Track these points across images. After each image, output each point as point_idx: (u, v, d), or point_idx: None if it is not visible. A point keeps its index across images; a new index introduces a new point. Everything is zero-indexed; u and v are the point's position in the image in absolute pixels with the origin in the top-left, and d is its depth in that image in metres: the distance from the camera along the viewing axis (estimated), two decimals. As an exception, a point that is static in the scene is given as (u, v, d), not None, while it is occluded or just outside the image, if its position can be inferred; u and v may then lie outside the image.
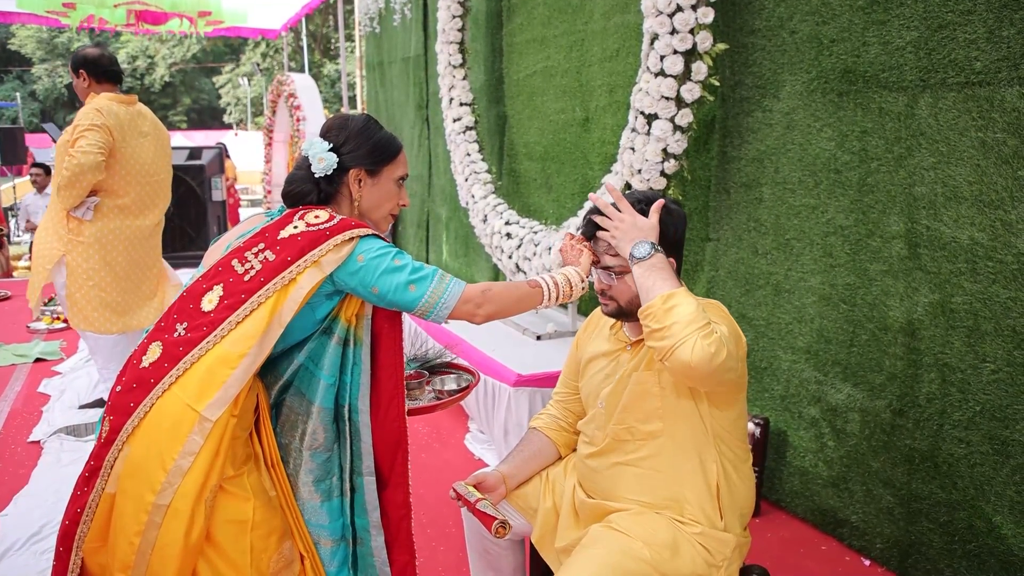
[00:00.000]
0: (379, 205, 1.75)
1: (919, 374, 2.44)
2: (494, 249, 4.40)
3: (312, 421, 1.65)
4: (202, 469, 1.45)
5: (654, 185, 3.07)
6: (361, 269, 1.57)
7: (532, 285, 1.72)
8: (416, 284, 1.58)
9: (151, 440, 1.47)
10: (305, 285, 1.54)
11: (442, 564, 2.66)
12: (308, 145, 1.70)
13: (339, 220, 1.61)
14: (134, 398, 1.51)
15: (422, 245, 7.06)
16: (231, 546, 1.50)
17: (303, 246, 1.56)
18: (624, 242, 1.69)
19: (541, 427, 2.06)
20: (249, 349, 1.50)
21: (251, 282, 1.55)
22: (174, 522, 1.43)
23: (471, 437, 3.75)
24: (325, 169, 1.66)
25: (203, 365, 1.50)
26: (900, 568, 2.56)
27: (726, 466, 1.77)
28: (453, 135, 4.94)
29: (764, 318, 3.03)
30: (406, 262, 1.59)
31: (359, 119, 1.74)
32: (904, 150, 2.44)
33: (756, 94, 2.99)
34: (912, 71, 2.39)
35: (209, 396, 1.47)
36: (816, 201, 2.76)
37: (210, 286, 1.59)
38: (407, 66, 6.98)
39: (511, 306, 1.70)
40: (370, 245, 1.59)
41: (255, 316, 1.52)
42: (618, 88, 3.83)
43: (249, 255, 1.60)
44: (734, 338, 1.66)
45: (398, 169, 1.75)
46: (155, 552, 1.43)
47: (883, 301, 2.54)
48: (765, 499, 3.04)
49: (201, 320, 1.55)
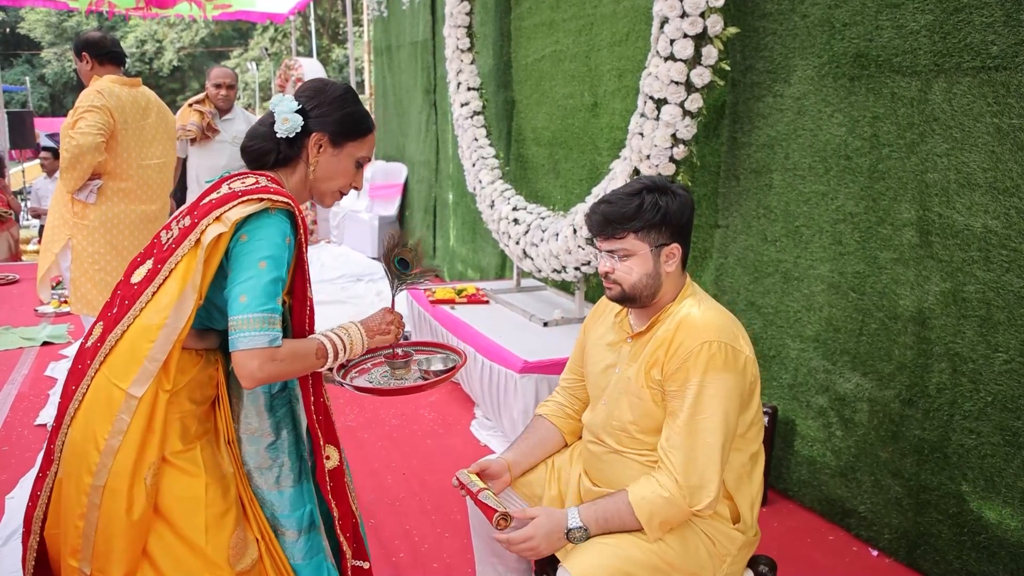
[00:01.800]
0: (331, 178, 1.66)
1: (929, 364, 2.41)
2: (501, 235, 4.38)
3: (245, 406, 1.60)
4: (132, 447, 1.41)
5: (663, 171, 3.04)
6: (239, 245, 1.47)
7: (319, 353, 1.56)
8: (248, 299, 1.42)
9: (87, 421, 1.44)
10: (206, 242, 1.43)
11: (447, 551, 2.65)
12: (276, 101, 1.60)
13: (262, 186, 1.51)
14: (75, 380, 1.49)
15: (429, 231, 7.03)
16: (185, 523, 1.47)
17: (212, 207, 1.47)
18: (553, 542, 1.67)
19: (547, 414, 2.05)
20: (165, 319, 1.42)
21: (167, 250, 1.48)
22: (112, 502, 1.40)
23: (477, 423, 3.74)
24: (288, 131, 1.58)
25: (126, 342, 1.45)
26: (908, 559, 2.54)
27: (734, 462, 1.75)
28: (461, 120, 4.90)
29: (773, 306, 3.00)
30: (269, 276, 1.44)
31: (338, 87, 1.66)
32: (917, 136, 2.40)
33: (767, 79, 2.94)
34: (926, 55, 2.35)
35: (133, 372, 1.42)
36: (826, 188, 2.72)
37: (143, 260, 1.54)
38: (415, 50, 6.93)
39: (295, 373, 1.55)
40: (265, 229, 1.47)
41: (168, 284, 1.45)
42: (627, 73, 3.79)
43: (174, 224, 1.53)
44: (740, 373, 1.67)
45: (362, 149, 1.67)
46: (98, 533, 1.41)
47: (893, 290, 2.51)
48: (772, 488, 3.02)
49: (128, 293, 1.50)
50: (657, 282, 1.74)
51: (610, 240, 1.75)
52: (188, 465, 1.49)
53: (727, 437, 1.65)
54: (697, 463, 1.63)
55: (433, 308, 4.29)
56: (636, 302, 1.76)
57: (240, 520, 1.55)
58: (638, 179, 1.78)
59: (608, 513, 1.67)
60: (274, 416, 1.62)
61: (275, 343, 1.43)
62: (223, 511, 1.51)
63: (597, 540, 1.67)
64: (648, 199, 1.72)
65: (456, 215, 6.35)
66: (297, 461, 1.67)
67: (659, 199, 1.72)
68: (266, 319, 1.42)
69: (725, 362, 1.65)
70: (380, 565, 2.57)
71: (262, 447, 1.62)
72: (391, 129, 8.11)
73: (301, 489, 1.66)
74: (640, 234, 1.72)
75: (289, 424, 1.66)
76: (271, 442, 1.62)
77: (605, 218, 1.74)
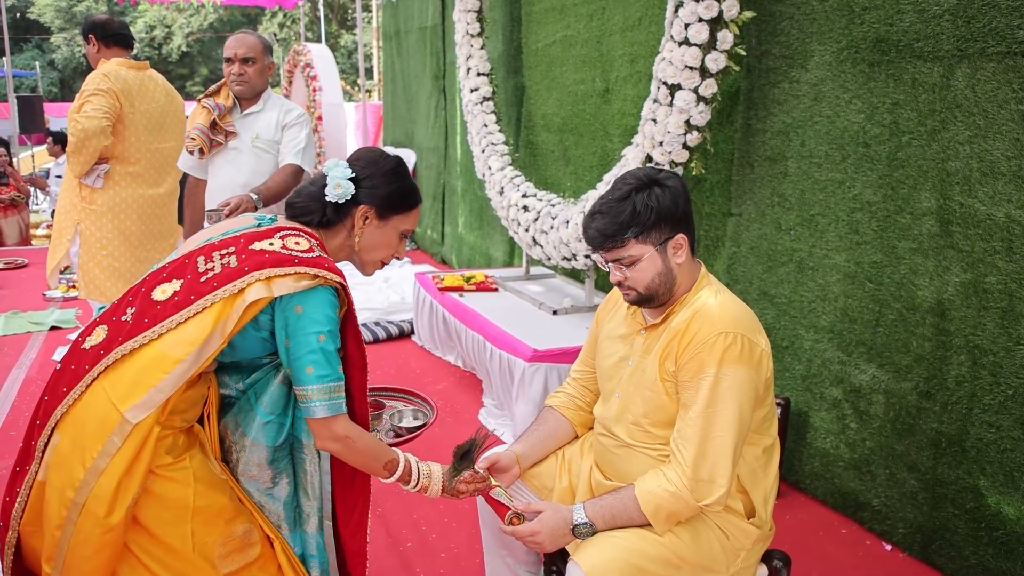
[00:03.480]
0: (375, 248, 1.71)
1: (948, 356, 2.37)
2: (510, 222, 4.33)
3: (245, 454, 1.60)
4: (116, 474, 1.38)
5: (676, 158, 2.99)
6: (293, 317, 1.49)
7: (388, 466, 1.62)
8: (315, 371, 1.48)
9: (77, 433, 1.41)
10: (249, 299, 1.45)
11: (455, 542, 2.63)
12: (331, 166, 1.65)
13: (316, 256, 1.53)
14: (67, 382, 1.45)
15: (437, 218, 6.99)
16: (169, 533, 1.45)
17: (264, 262, 1.48)
18: (558, 538, 1.66)
19: (557, 406, 2.01)
20: (186, 355, 1.42)
21: (205, 284, 1.48)
22: (87, 522, 1.38)
23: (485, 412, 3.71)
24: (339, 196, 1.62)
25: (136, 362, 1.43)
26: (923, 554, 2.50)
27: (748, 456, 1.71)
28: (470, 106, 4.85)
29: (786, 296, 2.95)
30: (331, 348, 1.51)
31: (392, 160, 1.71)
32: (938, 123, 2.34)
33: (783, 64, 2.88)
34: (949, 40, 2.29)
35: (135, 398, 1.40)
36: (843, 176, 2.67)
37: (170, 277, 1.52)
38: (424, 35, 6.87)
39: (358, 464, 1.62)
40: (319, 304, 1.50)
41: (199, 320, 1.44)
42: (640, 58, 3.73)
43: (216, 255, 1.53)
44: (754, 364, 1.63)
45: (407, 222, 1.73)
46: (70, 549, 1.39)
47: (911, 280, 2.46)
48: (784, 480, 2.99)
49: (148, 311, 1.48)
50: (671, 277, 1.70)
51: (612, 251, 1.70)
52: (177, 474, 1.47)
53: (740, 432, 1.61)
54: (707, 458, 1.59)
55: (441, 295, 4.26)
56: (655, 301, 1.72)
57: (236, 520, 1.53)
58: (624, 178, 1.72)
59: (615, 509, 1.64)
60: (275, 467, 1.62)
61: (340, 410, 1.52)
62: (212, 516, 1.49)
63: (607, 533, 1.64)
64: (639, 200, 1.66)
65: (464, 202, 6.31)
66: (293, 511, 1.65)
67: (649, 197, 1.66)
68: (332, 388, 1.51)
69: (741, 354, 1.61)
70: (387, 554, 2.55)
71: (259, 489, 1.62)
72: (400, 115, 8.06)
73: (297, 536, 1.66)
74: (640, 237, 1.67)
75: (289, 472, 1.65)
76: (267, 488, 1.62)
77: (601, 233, 1.69)
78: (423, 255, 7.29)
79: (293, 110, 3.28)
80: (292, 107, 3.29)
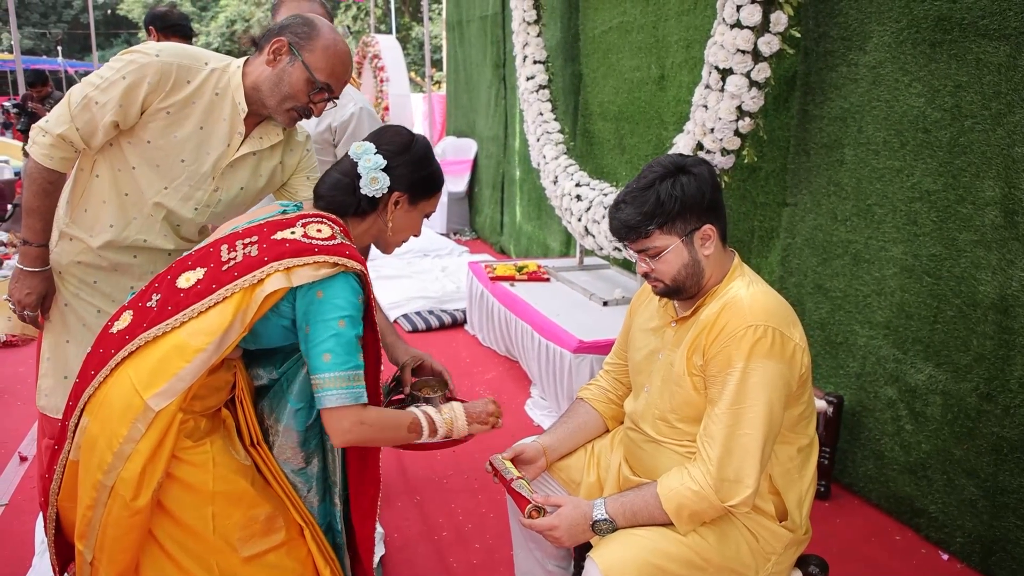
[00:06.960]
0: (402, 231, 1.71)
1: (1011, 356, 2.22)
2: (564, 211, 4.28)
3: (280, 437, 1.61)
4: (141, 460, 1.40)
5: (727, 146, 2.89)
6: (314, 303, 1.48)
7: (412, 427, 1.61)
8: (332, 358, 1.45)
9: (105, 417, 1.44)
10: (268, 289, 1.45)
11: (490, 532, 2.61)
12: (362, 153, 1.63)
13: (337, 243, 1.52)
14: (95, 365, 1.48)
15: (496, 207, 6.98)
16: (190, 516, 1.47)
17: (285, 252, 1.48)
18: (577, 534, 1.60)
19: (589, 398, 1.97)
20: (207, 344, 1.43)
21: (226, 273, 1.48)
22: (116, 504, 1.41)
23: (531, 403, 3.68)
24: (376, 191, 1.62)
25: (159, 350, 1.45)
26: (983, 565, 2.36)
27: (781, 455, 1.63)
28: (526, 94, 4.81)
29: (841, 289, 2.82)
30: (351, 334, 1.47)
31: (422, 145, 1.69)
32: (1003, 106, 2.19)
33: (841, 47, 2.75)
34: (1016, 17, 2.14)
35: (157, 385, 1.42)
36: (902, 163, 2.53)
37: (195, 265, 1.53)
38: (485, 24, 6.86)
39: (383, 441, 1.60)
40: (340, 290, 1.48)
41: (220, 310, 1.45)
42: (695, 43, 3.62)
43: (239, 244, 1.53)
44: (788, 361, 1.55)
45: (431, 205, 1.73)
46: (102, 529, 1.43)
47: (972, 274, 2.31)
48: (836, 482, 2.87)
49: (172, 297, 1.49)
50: (698, 269, 1.63)
51: (637, 242, 1.64)
52: (198, 458, 1.49)
53: (770, 431, 1.54)
54: (733, 456, 1.52)
55: (492, 284, 4.24)
56: (683, 293, 1.66)
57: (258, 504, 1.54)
58: (650, 166, 1.65)
59: (636, 506, 1.59)
60: (307, 448, 1.64)
61: (360, 399, 1.48)
62: (234, 499, 1.50)
63: (628, 531, 1.58)
64: (663, 189, 1.59)
65: (523, 191, 6.27)
66: (322, 484, 1.67)
67: (674, 186, 1.59)
68: (351, 376, 1.47)
69: (771, 348, 1.53)
70: (422, 542, 2.55)
71: (292, 470, 1.64)
72: (461, 104, 8.06)
73: (325, 508, 1.68)
74: (665, 228, 1.60)
75: (320, 452, 1.67)
76: (301, 468, 1.64)
77: (624, 224, 1.63)
78: (482, 244, 7.29)
79: (360, 97, 2.63)
80: (360, 97, 2.65)
